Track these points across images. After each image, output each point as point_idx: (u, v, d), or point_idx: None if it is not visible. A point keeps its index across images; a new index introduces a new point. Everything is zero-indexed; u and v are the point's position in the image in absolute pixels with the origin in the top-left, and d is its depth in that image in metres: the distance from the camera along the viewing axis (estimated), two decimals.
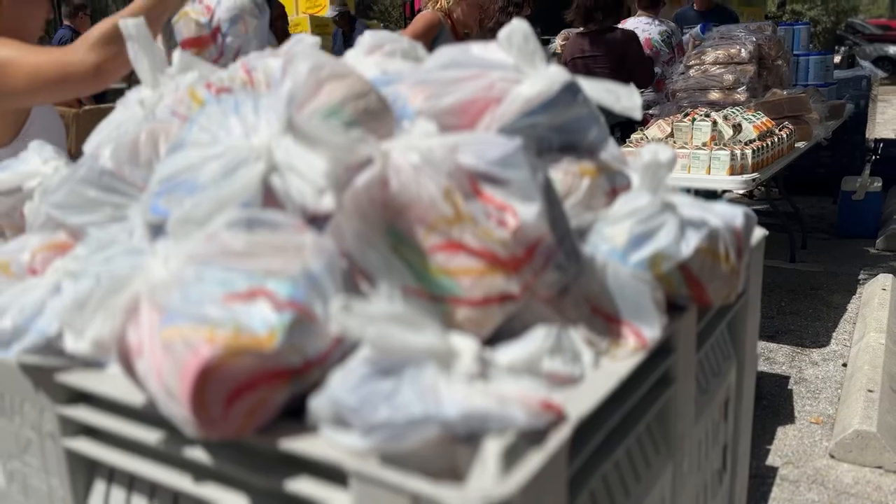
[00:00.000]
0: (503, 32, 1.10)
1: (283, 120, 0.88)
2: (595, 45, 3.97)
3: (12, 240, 1.15)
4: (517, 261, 0.88)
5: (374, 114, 0.96)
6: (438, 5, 3.57)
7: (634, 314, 0.96)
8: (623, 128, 3.89)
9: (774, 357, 3.43)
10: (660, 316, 0.97)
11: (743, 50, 4.04)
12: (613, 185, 1.10)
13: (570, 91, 1.03)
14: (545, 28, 5.14)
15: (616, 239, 1.01)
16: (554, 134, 1.06)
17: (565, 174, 1.05)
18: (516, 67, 1.10)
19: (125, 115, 1.24)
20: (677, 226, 1.01)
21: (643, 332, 0.95)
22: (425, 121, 0.98)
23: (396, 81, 1.09)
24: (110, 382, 0.87)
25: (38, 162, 1.26)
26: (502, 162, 0.90)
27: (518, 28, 1.09)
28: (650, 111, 4.20)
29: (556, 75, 1.04)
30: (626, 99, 1.08)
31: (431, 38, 3.42)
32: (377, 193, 0.89)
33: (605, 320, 0.96)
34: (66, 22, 6.50)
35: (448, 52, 1.16)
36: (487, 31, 4.71)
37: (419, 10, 4.10)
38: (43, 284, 0.96)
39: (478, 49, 1.16)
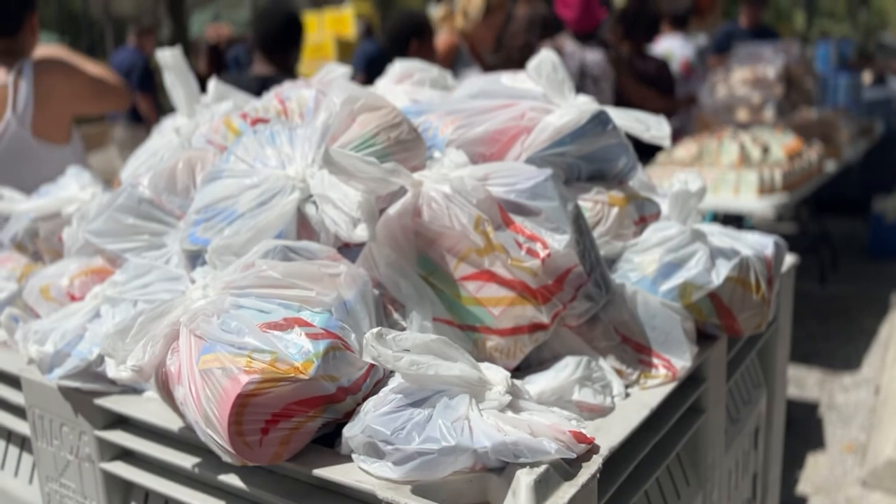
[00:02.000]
0: (532, 63, 1.12)
1: (318, 152, 0.90)
2: (629, 68, 3.92)
3: (51, 265, 1.18)
4: (547, 290, 0.89)
5: (406, 144, 0.98)
6: (455, 26, 3.60)
7: (664, 344, 0.96)
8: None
9: (805, 382, 3.37)
10: (690, 346, 0.96)
11: (770, 69, 4.02)
12: (642, 213, 1.10)
13: (600, 121, 1.04)
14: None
15: (646, 268, 1.01)
16: (583, 162, 1.07)
17: (594, 203, 1.05)
18: (545, 97, 1.11)
19: (161, 142, 1.28)
20: (707, 255, 1.01)
21: (673, 361, 0.95)
22: (456, 151, 0.99)
23: (427, 111, 1.11)
24: (147, 407, 0.89)
25: (76, 188, 1.29)
26: (533, 193, 0.91)
27: (547, 58, 1.11)
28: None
29: (585, 105, 1.05)
30: (655, 128, 1.09)
31: (452, 62, 3.45)
32: (409, 223, 0.90)
33: (634, 349, 0.96)
34: (131, 44, 6.29)
35: (477, 82, 1.18)
36: (515, 50, 4.75)
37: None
38: (83, 310, 0.98)
39: (507, 78, 1.17)
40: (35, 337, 0.95)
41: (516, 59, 4.55)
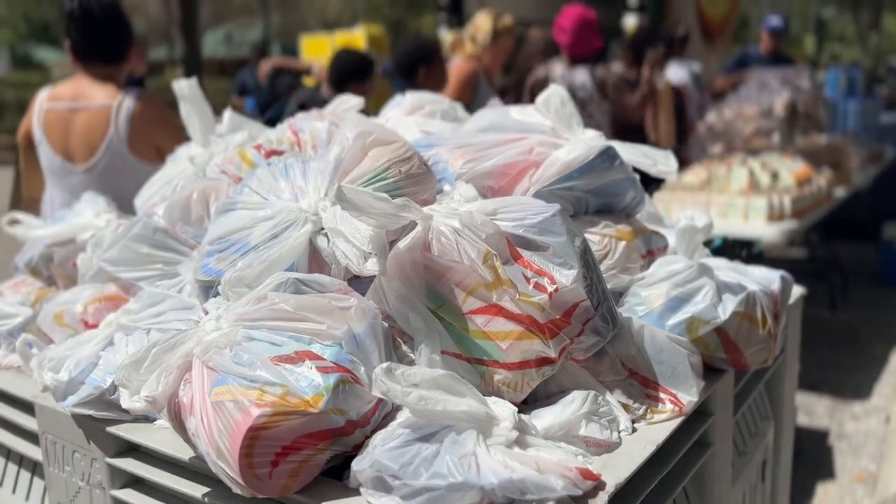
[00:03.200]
0: (542, 97, 1.14)
1: (331, 185, 0.92)
2: (630, 92, 3.96)
3: (65, 291, 1.20)
4: (554, 325, 0.90)
5: (416, 178, 0.99)
6: (465, 51, 3.63)
7: (671, 378, 0.97)
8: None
9: (814, 410, 3.35)
10: (697, 380, 0.97)
11: (777, 103, 4.04)
12: (650, 246, 1.12)
13: (608, 156, 1.06)
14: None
15: (653, 302, 1.02)
16: (591, 196, 1.09)
17: (602, 237, 1.07)
18: (554, 131, 1.13)
19: (175, 170, 1.30)
20: (714, 290, 1.02)
21: (680, 396, 0.96)
22: (465, 185, 1.01)
23: (437, 144, 1.12)
24: (159, 436, 0.90)
25: (91, 214, 1.32)
26: (541, 228, 0.92)
27: (556, 93, 1.13)
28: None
29: (593, 141, 1.06)
30: (662, 163, 1.10)
31: (473, 88, 3.48)
32: (419, 257, 0.91)
33: (641, 384, 0.96)
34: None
35: (487, 115, 1.20)
36: (528, 72, 4.79)
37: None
38: (97, 338, 1.00)
39: (516, 112, 1.19)
40: (50, 364, 0.97)
41: (519, 81, 4.63)
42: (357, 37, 7.94)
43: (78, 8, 2.07)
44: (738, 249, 4.45)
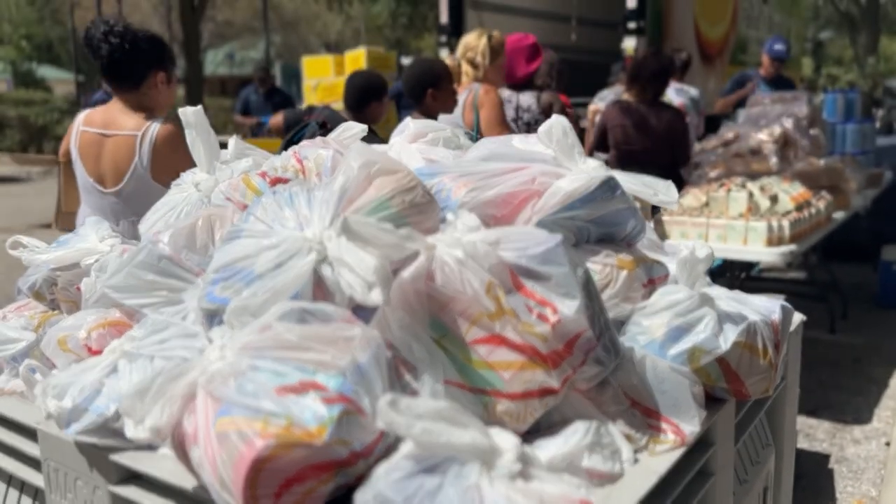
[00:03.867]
0: (543, 127, 1.15)
1: (335, 217, 0.93)
2: (642, 119, 3.98)
3: (69, 316, 1.20)
4: (557, 355, 0.90)
5: (420, 207, 1.00)
6: (470, 77, 3.67)
7: (673, 408, 0.97)
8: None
9: (815, 434, 3.34)
10: (699, 410, 0.97)
11: (775, 133, 4.09)
12: (651, 275, 1.12)
13: (609, 187, 1.07)
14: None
15: (654, 331, 1.03)
16: (592, 226, 1.10)
17: (603, 266, 1.07)
18: (556, 160, 1.14)
19: (180, 196, 1.31)
20: (715, 320, 1.03)
21: (682, 427, 0.96)
22: (468, 214, 1.02)
23: (441, 173, 1.13)
24: (162, 464, 0.91)
25: (95, 240, 1.32)
26: (543, 258, 0.93)
27: (558, 123, 1.14)
28: None
29: (594, 171, 1.07)
30: (663, 193, 1.12)
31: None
32: (422, 287, 0.92)
33: (643, 414, 0.97)
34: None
35: (489, 145, 1.21)
36: (536, 88, 4.83)
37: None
38: (101, 365, 1.00)
39: (518, 141, 1.21)
40: (54, 391, 0.97)
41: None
42: (360, 53, 8.03)
43: (95, 36, 2.16)
44: (737, 270, 4.47)
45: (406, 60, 8.77)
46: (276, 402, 0.76)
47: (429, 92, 3.20)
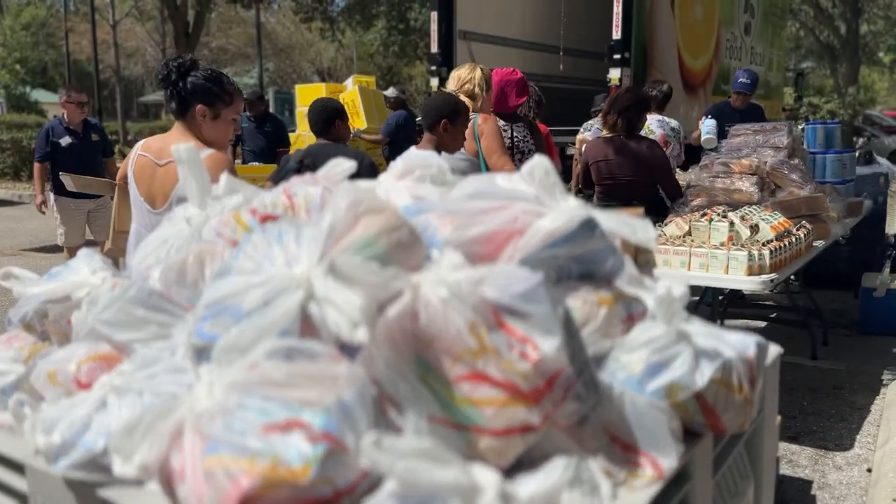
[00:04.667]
0: (526, 167, 1.19)
1: (323, 255, 0.95)
2: (619, 152, 4.09)
3: (59, 349, 1.22)
4: (538, 392, 0.93)
5: (405, 246, 1.03)
6: (471, 99, 3.75)
7: (651, 443, 1.00)
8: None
9: (797, 460, 3.37)
10: (676, 445, 1.00)
11: (752, 166, 4.19)
12: (630, 311, 1.16)
13: (589, 226, 1.10)
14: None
15: (633, 367, 1.06)
16: (573, 264, 1.13)
17: (584, 303, 1.11)
18: (538, 199, 1.17)
19: (171, 231, 1.33)
20: (692, 356, 1.06)
21: (660, 461, 0.98)
22: (453, 252, 1.05)
23: (427, 211, 1.17)
24: (149, 500, 0.92)
25: (86, 272, 1.34)
26: (525, 296, 0.96)
27: (540, 163, 1.18)
28: None
29: (575, 211, 1.11)
30: (641, 232, 1.15)
31: None
32: (407, 325, 0.95)
33: (622, 449, 0.99)
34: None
35: (475, 183, 1.25)
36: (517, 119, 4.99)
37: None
38: (90, 399, 1.02)
39: (502, 180, 1.24)
40: (43, 426, 0.98)
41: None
42: (343, 87, 8.15)
43: (164, 67, 2.46)
44: (721, 294, 4.52)
45: (388, 92, 8.93)
46: (262, 441, 0.78)
47: (443, 123, 3.33)
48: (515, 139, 3.99)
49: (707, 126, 5.19)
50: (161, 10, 23.62)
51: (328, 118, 3.65)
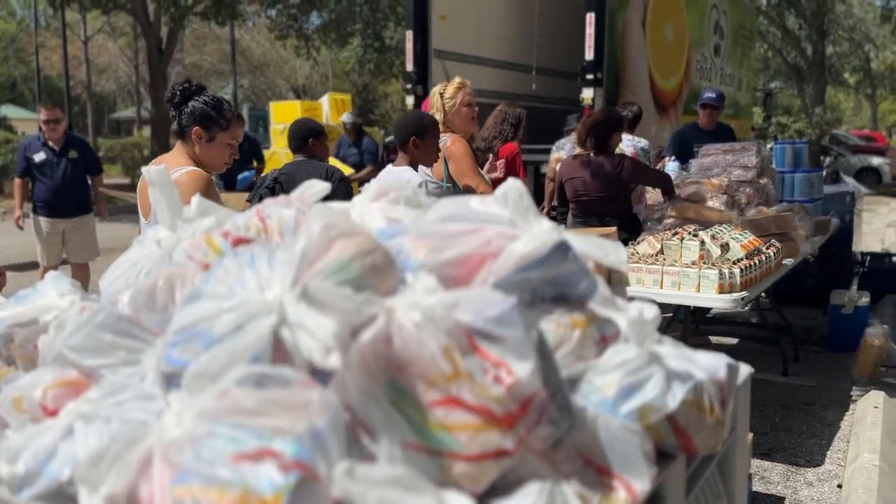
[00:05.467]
0: (500, 190, 1.20)
1: (296, 281, 0.95)
2: (592, 169, 4.16)
3: (25, 374, 1.19)
4: (512, 417, 0.93)
5: (379, 269, 1.03)
6: (442, 118, 3.78)
7: (625, 466, 1.00)
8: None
9: (769, 476, 3.40)
10: (649, 467, 1.00)
11: (722, 185, 4.27)
12: (603, 333, 1.16)
13: (562, 249, 1.11)
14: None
15: (606, 390, 1.06)
16: (546, 286, 1.13)
17: (557, 325, 1.11)
18: (512, 222, 1.18)
19: (141, 253, 1.32)
20: (664, 378, 1.06)
21: (633, 484, 0.99)
22: (427, 276, 1.05)
23: (401, 234, 1.17)
24: None
25: (54, 295, 1.32)
26: (499, 320, 0.96)
27: (513, 187, 1.18)
28: None
29: (548, 234, 1.12)
30: (613, 254, 1.16)
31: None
32: (381, 349, 0.94)
33: (596, 472, 0.99)
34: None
35: (449, 206, 1.25)
36: (487, 141, 5.13)
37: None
38: (56, 427, 1.00)
39: (476, 202, 1.25)
40: (7, 455, 0.96)
41: (483, 148, 4.96)
42: (318, 104, 8.18)
43: (173, 89, 2.62)
44: (693, 312, 4.58)
45: (344, 118, 9.00)
46: (232, 470, 0.77)
47: (413, 140, 3.41)
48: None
49: (670, 168, 5.34)
50: (134, 27, 23.49)
51: (302, 136, 3.80)
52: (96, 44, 28.80)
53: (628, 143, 5.14)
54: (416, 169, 3.45)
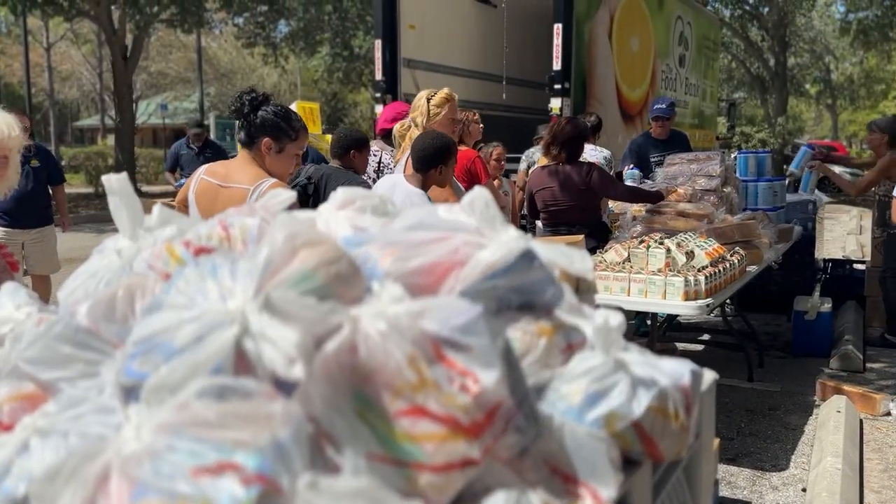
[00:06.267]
0: (467, 198, 1.20)
1: (259, 291, 0.93)
2: (561, 179, 4.21)
3: None
4: (478, 426, 0.92)
5: (344, 278, 1.02)
6: (411, 132, 3.78)
7: (591, 473, 1.00)
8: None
9: (736, 481, 3.44)
10: (615, 475, 1.01)
11: (686, 194, 4.35)
12: (569, 340, 1.16)
13: (527, 257, 1.11)
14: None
15: (572, 398, 1.06)
16: (513, 294, 1.13)
17: (524, 334, 1.11)
18: (478, 230, 1.18)
19: (101, 263, 1.29)
20: (630, 385, 1.07)
21: (600, 491, 0.99)
22: (393, 285, 1.04)
23: (367, 242, 1.16)
24: None
25: (10, 307, 1.28)
26: (465, 329, 0.96)
27: (480, 195, 1.18)
28: None
29: (514, 243, 1.12)
30: (579, 262, 1.17)
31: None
32: (346, 359, 0.93)
33: (563, 480, 0.99)
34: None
35: (416, 214, 1.25)
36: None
37: (383, 129, 4.48)
38: (11, 442, 0.97)
39: (444, 211, 1.24)
40: None
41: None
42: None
43: (239, 98, 2.63)
44: (660, 319, 4.64)
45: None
46: (192, 485, 0.75)
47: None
48: (382, 162, 4.32)
49: (630, 176, 5.43)
50: (98, 34, 23.15)
51: (346, 146, 3.91)
52: (59, 51, 28.33)
53: (592, 154, 5.21)
54: (425, 189, 3.34)
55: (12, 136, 2.33)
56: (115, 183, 1.26)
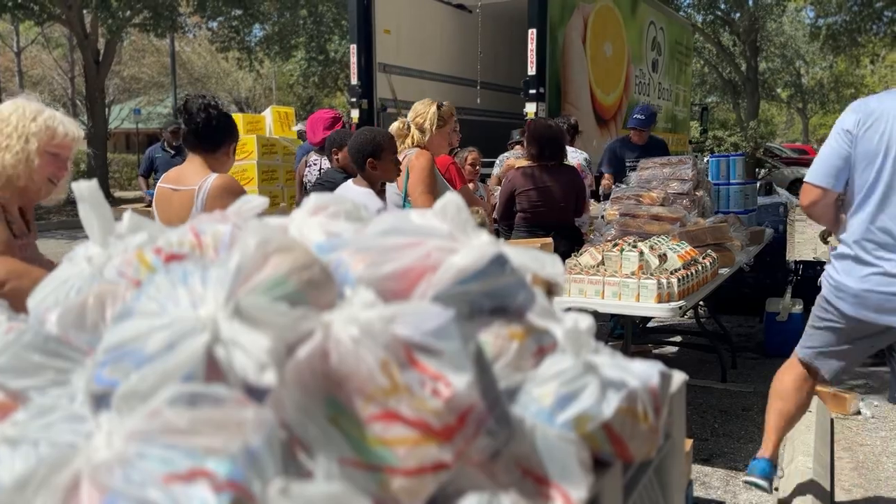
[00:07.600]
0: (439, 203, 1.21)
1: (230, 297, 0.93)
2: (544, 180, 4.24)
3: None
4: (450, 429, 0.93)
5: (317, 284, 1.02)
6: (411, 141, 3.80)
7: (562, 475, 1.02)
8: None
9: (710, 482, 3.48)
10: (586, 476, 1.02)
11: (659, 197, 4.41)
12: (541, 344, 1.18)
13: (499, 262, 1.13)
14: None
15: (543, 400, 1.07)
16: (485, 299, 1.15)
17: (496, 337, 1.12)
18: (450, 235, 1.19)
19: (72, 270, 1.28)
20: (599, 387, 1.09)
21: (570, 493, 1.00)
22: (366, 290, 1.05)
23: (339, 248, 1.16)
24: None
25: None
26: (436, 333, 0.97)
27: (452, 200, 1.20)
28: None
29: (486, 247, 1.13)
30: (550, 267, 1.18)
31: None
32: (318, 365, 0.94)
33: (535, 482, 1.01)
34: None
35: (388, 219, 1.25)
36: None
37: (322, 140, 4.64)
38: None
39: (416, 216, 1.25)
40: None
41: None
42: (261, 118, 8.09)
43: (195, 105, 2.69)
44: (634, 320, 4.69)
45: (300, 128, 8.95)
46: (163, 492, 0.75)
47: (369, 161, 3.35)
48: (322, 169, 4.53)
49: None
50: (70, 38, 22.84)
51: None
52: (30, 55, 27.91)
53: (573, 155, 5.27)
54: (375, 188, 3.40)
55: (77, 138, 2.30)
56: (86, 190, 1.25)
